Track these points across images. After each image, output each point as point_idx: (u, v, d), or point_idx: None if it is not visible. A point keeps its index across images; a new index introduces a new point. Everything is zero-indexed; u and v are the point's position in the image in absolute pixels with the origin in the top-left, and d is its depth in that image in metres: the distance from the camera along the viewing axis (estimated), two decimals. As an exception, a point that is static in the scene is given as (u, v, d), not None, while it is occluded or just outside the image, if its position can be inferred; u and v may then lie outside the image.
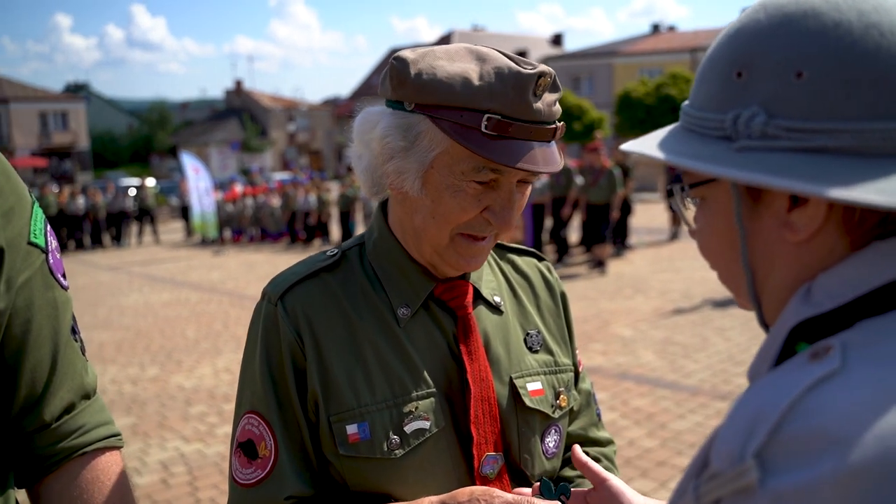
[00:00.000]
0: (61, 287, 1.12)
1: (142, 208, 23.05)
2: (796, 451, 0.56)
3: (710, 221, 0.78)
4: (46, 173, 50.60)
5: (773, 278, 0.74)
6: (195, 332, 9.38)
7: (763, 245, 0.73)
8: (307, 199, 19.48)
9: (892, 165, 0.63)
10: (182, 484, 4.84)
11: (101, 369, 7.83)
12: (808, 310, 0.68)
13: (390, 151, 1.19)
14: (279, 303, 1.24)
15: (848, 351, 0.61)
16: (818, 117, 0.65)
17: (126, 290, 13.40)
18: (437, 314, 1.28)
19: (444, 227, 1.20)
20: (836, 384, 0.58)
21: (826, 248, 0.69)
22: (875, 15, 0.65)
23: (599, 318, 8.72)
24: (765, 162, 0.66)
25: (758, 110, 0.68)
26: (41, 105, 55.21)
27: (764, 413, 0.59)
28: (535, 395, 1.31)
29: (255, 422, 1.22)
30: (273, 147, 62.96)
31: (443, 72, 1.14)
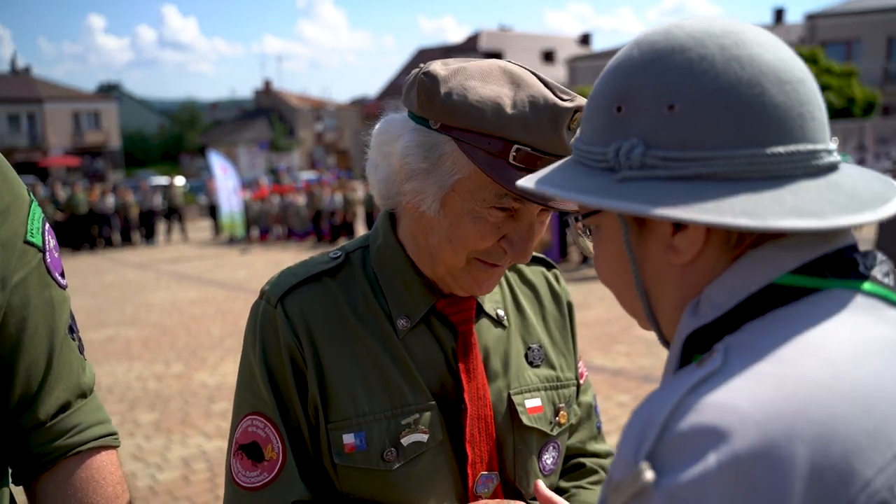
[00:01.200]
0: (59, 286, 1.12)
1: (171, 207, 23.31)
2: (683, 448, 0.59)
3: (604, 249, 0.83)
4: (79, 172, 51.44)
5: (664, 299, 0.79)
6: (220, 330, 9.46)
7: (653, 269, 0.78)
8: (333, 198, 19.57)
9: (760, 188, 0.68)
10: (202, 481, 4.87)
11: (128, 366, 7.93)
12: (696, 321, 0.73)
13: (409, 172, 1.15)
14: (279, 305, 1.21)
15: (729, 352, 0.66)
16: (691, 147, 0.69)
17: (154, 287, 13.56)
18: (438, 328, 1.25)
19: (461, 252, 1.17)
20: (715, 381, 0.62)
21: (709, 266, 0.74)
22: (735, 49, 0.70)
23: (623, 319, 8.64)
24: (643, 191, 0.70)
25: (637, 142, 0.72)
26: (74, 105, 56.17)
27: (652, 418, 0.63)
28: (534, 413, 1.29)
29: (260, 423, 1.20)
30: (301, 147, 63.36)
31: (474, 94, 1.10)
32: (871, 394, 0.61)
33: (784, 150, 0.69)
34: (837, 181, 0.71)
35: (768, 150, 0.68)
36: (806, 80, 0.72)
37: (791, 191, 0.68)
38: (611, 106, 0.75)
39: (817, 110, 0.72)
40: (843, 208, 0.68)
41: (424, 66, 1.15)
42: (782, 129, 0.69)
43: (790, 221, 0.65)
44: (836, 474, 0.57)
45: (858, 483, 0.57)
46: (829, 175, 0.71)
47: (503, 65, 1.16)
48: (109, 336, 9.47)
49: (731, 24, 0.74)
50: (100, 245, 21.80)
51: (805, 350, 0.63)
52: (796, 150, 0.69)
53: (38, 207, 1.13)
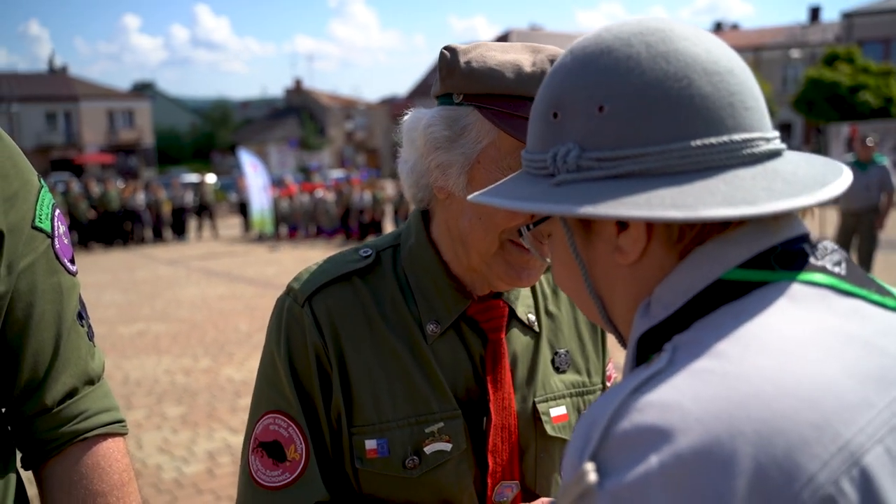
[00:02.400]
0: (68, 272, 1.12)
1: (202, 204, 23.56)
2: (626, 449, 0.59)
3: (557, 255, 0.84)
4: (113, 169, 52.27)
5: (617, 301, 0.78)
6: (248, 326, 9.53)
7: (602, 271, 0.78)
8: (362, 196, 19.64)
9: (693, 180, 0.67)
10: (227, 474, 4.91)
11: (156, 360, 8.03)
12: (647, 322, 0.72)
13: (434, 141, 1.14)
14: (306, 304, 1.19)
15: (676, 351, 0.65)
16: (624, 145, 0.70)
17: (184, 283, 13.72)
18: (468, 334, 1.22)
19: (492, 230, 1.13)
20: (658, 380, 0.62)
21: (656, 265, 0.73)
22: (662, 45, 0.71)
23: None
24: (576, 193, 0.71)
25: (572, 146, 0.72)
26: (109, 103, 57.15)
27: (597, 420, 0.62)
28: (558, 422, 1.26)
29: (283, 423, 1.18)
30: (331, 145, 63.74)
31: (493, 60, 1.10)
32: (818, 387, 0.60)
33: (715, 140, 0.68)
34: (776, 168, 0.70)
35: (698, 142, 0.68)
36: (736, 71, 0.72)
37: (725, 180, 0.68)
38: (548, 113, 0.76)
39: (750, 99, 0.72)
40: (778, 194, 0.67)
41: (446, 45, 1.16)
42: (712, 120, 0.69)
43: (721, 210, 0.65)
44: (779, 471, 0.56)
45: (802, 478, 0.56)
46: (767, 162, 0.71)
47: (525, 43, 1.16)
48: (140, 331, 9.60)
49: (660, 21, 0.74)
50: (132, 241, 22.11)
51: (750, 345, 0.62)
52: (728, 139, 0.69)
53: (48, 193, 1.13)
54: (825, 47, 37.86)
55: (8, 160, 1.06)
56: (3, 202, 1.03)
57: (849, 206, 9.17)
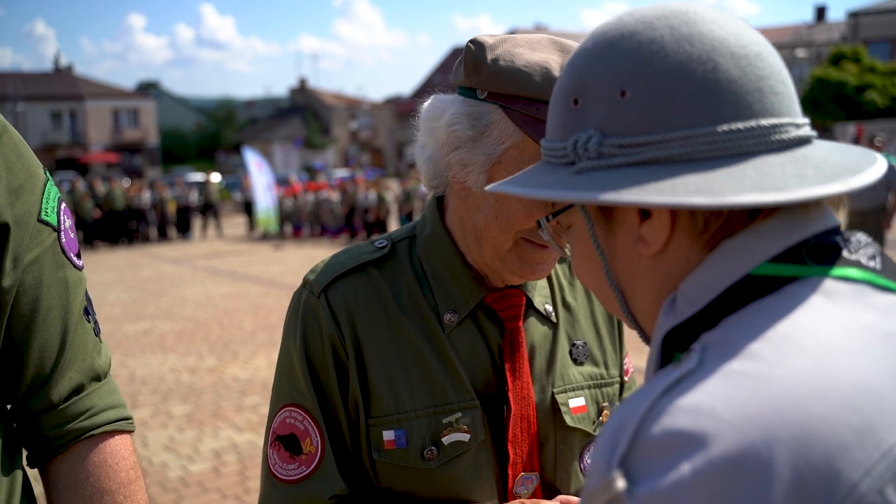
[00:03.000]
0: (74, 267, 1.10)
1: (206, 203, 23.58)
2: (656, 455, 0.56)
3: (578, 247, 0.81)
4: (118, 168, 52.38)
5: (639, 294, 0.76)
6: (252, 325, 9.53)
7: (624, 262, 0.75)
8: (367, 195, 19.64)
9: (719, 166, 0.65)
10: (233, 473, 4.90)
11: (162, 358, 8.02)
12: (673, 319, 0.69)
13: (457, 140, 1.12)
14: (322, 295, 1.18)
15: (706, 350, 0.62)
16: (647, 131, 0.67)
17: (189, 282, 13.72)
18: (485, 324, 1.21)
19: (507, 230, 1.12)
20: (689, 382, 0.59)
21: (681, 257, 0.71)
22: (685, 28, 0.68)
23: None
24: (597, 180, 0.68)
25: (593, 132, 0.70)
26: (114, 102, 57.28)
27: (625, 423, 0.59)
28: (577, 413, 1.24)
29: (298, 416, 1.17)
30: (335, 144, 63.77)
31: (521, 60, 1.08)
32: (857, 389, 0.56)
33: (743, 125, 0.66)
34: (806, 155, 0.67)
35: (724, 127, 0.66)
36: (764, 54, 0.69)
37: (753, 166, 0.65)
38: (568, 99, 0.74)
39: (780, 84, 0.69)
40: (809, 180, 0.64)
41: (473, 38, 1.14)
42: (739, 104, 0.66)
43: (749, 196, 0.62)
44: (819, 479, 0.52)
45: (844, 487, 0.52)
46: (797, 149, 0.68)
47: (551, 36, 1.14)
48: (145, 329, 9.60)
49: (683, 4, 0.72)
50: (137, 240, 22.14)
51: (784, 345, 0.59)
52: (756, 125, 0.66)
53: (55, 187, 1.11)
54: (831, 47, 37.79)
55: (13, 152, 1.04)
56: (9, 194, 1.01)
57: (855, 205, 9.13)
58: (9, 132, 1.05)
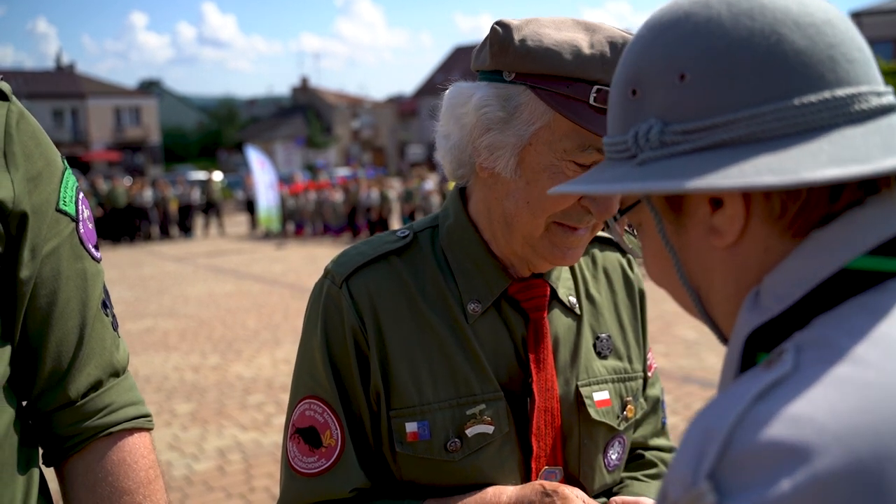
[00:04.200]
0: (92, 258, 1.07)
1: (208, 201, 23.58)
2: (750, 467, 0.51)
3: (648, 245, 0.77)
4: (120, 166, 52.38)
5: (715, 290, 0.71)
6: (256, 323, 9.51)
7: (696, 258, 0.71)
8: (369, 194, 19.63)
9: (790, 144, 0.60)
10: (238, 472, 4.87)
11: (165, 357, 8.00)
12: (759, 317, 0.64)
13: (487, 122, 1.10)
14: (344, 285, 1.16)
15: (802, 352, 0.57)
16: (710, 114, 0.63)
17: (191, 280, 13.71)
18: (509, 314, 1.19)
19: (539, 214, 1.10)
20: (786, 389, 0.53)
21: (759, 247, 0.66)
22: (745, 2, 0.65)
23: (662, 319, 8.50)
24: (662, 170, 0.65)
25: (654, 122, 0.67)
26: (116, 101, 57.29)
27: (713, 430, 0.54)
28: (602, 406, 1.22)
29: (318, 408, 1.15)
30: (337, 143, 63.76)
31: (550, 39, 1.06)
32: None
33: (815, 98, 0.61)
34: (891, 124, 0.62)
35: (796, 102, 0.61)
36: (834, 21, 0.64)
37: (829, 140, 0.60)
38: (626, 91, 0.71)
39: (854, 51, 0.64)
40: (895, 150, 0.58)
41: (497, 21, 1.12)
42: (810, 76, 0.62)
43: (828, 171, 0.57)
44: None
45: None
46: (880, 118, 0.62)
47: (575, 18, 1.12)
48: (147, 327, 9.58)
49: None
50: (139, 238, 22.13)
51: (891, 349, 0.54)
52: (830, 96, 0.61)
53: (73, 176, 1.08)
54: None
55: (31, 139, 1.01)
56: (27, 182, 0.98)
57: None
58: (26, 119, 1.02)
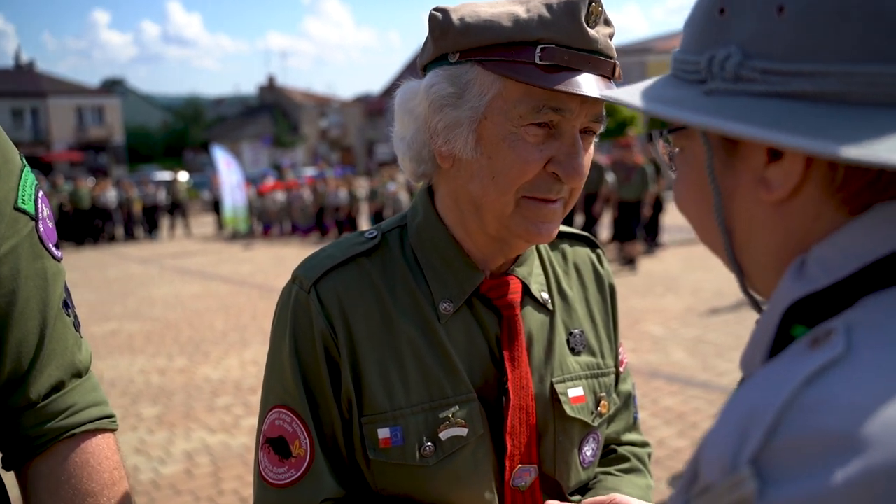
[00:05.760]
0: (53, 257, 1.05)
1: (174, 202, 23.29)
2: (798, 455, 0.47)
3: (686, 173, 0.72)
4: (83, 167, 51.48)
5: (754, 242, 0.66)
6: (223, 325, 9.41)
7: (741, 204, 0.65)
8: (337, 193, 19.53)
9: (877, 116, 0.54)
10: (206, 475, 4.82)
11: (130, 360, 7.88)
12: (803, 287, 0.59)
13: (439, 101, 1.09)
14: (312, 290, 1.14)
15: (853, 333, 0.52)
16: (799, 58, 0.57)
17: (157, 282, 13.52)
18: (481, 312, 1.17)
19: (507, 189, 1.08)
20: (840, 374, 0.50)
21: (810, 212, 0.61)
22: None
23: (630, 315, 8.58)
24: (731, 107, 0.59)
25: (734, 50, 0.61)
26: (78, 100, 56.24)
27: (758, 413, 0.50)
28: (576, 403, 1.22)
29: (287, 417, 1.13)
30: (305, 143, 63.34)
31: (487, 13, 1.07)
32: None
33: None
34: None
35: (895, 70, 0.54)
36: None
37: None
38: (713, 8, 0.64)
39: None
40: None
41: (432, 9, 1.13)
42: None
43: None
44: None
45: None
46: None
47: None
48: (112, 330, 9.42)
49: None
50: (103, 240, 21.77)
51: None
52: None
53: (31, 173, 1.05)
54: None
55: None
56: None
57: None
58: None
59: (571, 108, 1.05)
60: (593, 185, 12.66)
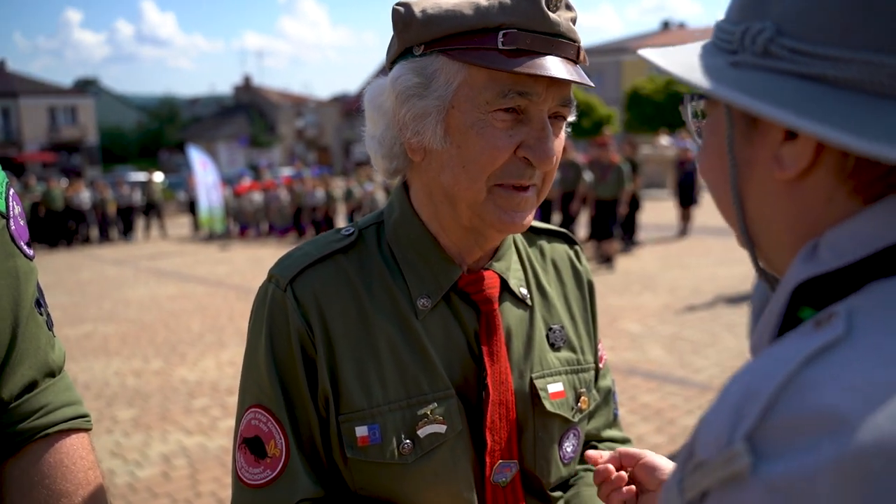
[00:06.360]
0: (25, 256, 1.03)
1: (149, 203, 23.05)
2: (793, 433, 0.49)
3: (708, 139, 0.73)
4: (56, 167, 50.79)
5: (766, 217, 0.68)
6: (200, 326, 9.33)
7: (756, 177, 0.67)
8: (314, 193, 19.44)
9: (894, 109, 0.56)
10: (183, 477, 4.78)
11: (105, 362, 7.79)
12: (812, 268, 0.61)
13: (406, 91, 1.09)
14: (288, 288, 1.13)
15: (854, 317, 0.54)
16: (827, 42, 0.59)
17: (132, 283, 13.37)
18: (459, 308, 1.17)
19: (478, 177, 1.08)
20: (838, 355, 0.51)
21: (822, 193, 0.62)
22: None
23: (607, 313, 8.63)
24: (753, 81, 0.61)
25: (769, 25, 0.62)
26: (50, 100, 55.47)
27: (756, 391, 0.52)
28: (556, 398, 1.22)
29: (262, 417, 1.12)
30: (281, 143, 63.01)
31: (448, 3, 1.07)
32: None
33: None
34: None
35: None
36: None
37: None
38: None
39: None
40: None
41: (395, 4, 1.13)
42: None
43: None
44: None
45: None
46: None
47: None
48: (86, 332, 9.31)
49: None
50: (76, 241, 21.49)
51: None
52: None
53: (2, 172, 1.04)
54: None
55: None
56: None
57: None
58: None
59: (538, 92, 1.06)
60: (570, 184, 12.73)
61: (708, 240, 14.67)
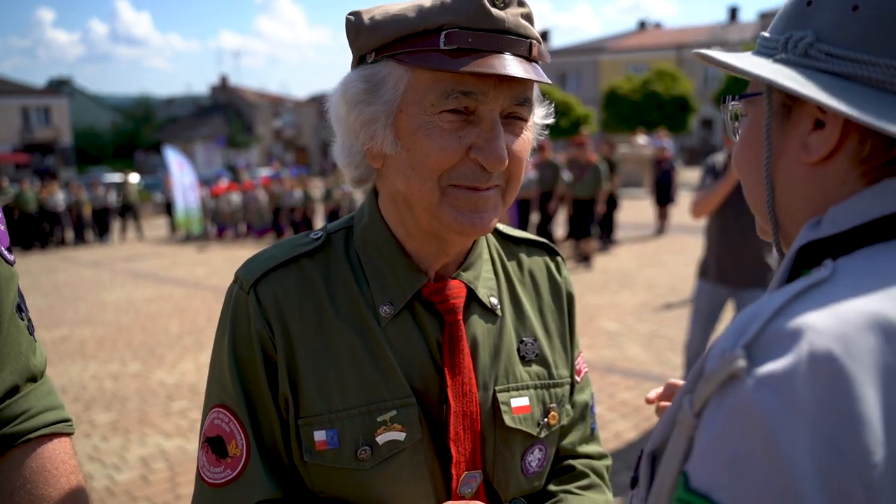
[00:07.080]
0: (5, 261, 1.04)
1: (125, 204, 22.82)
2: (780, 343, 0.62)
3: (746, 134, 0.86)
4: (29, 169, 50.11)
5: (788, 197, 0.81)
6: (178, 328, 9.27)
7: (785, 163, 0.80)
8: (292, 193, 19.36)
9: None
10: (162, 480, 4.75)
11: (82, 366, 7.72)
12: (812, 234, 0.75)
13: (354, 98, 1.10)
14: (252, 290, 1.14)
15: (839, 266, 0.69)
16: (859, 48, 0.72)
17: (108, 286, 13.24)
18: (423, 317, 1.16)
19: (428, 177, 1.07)
20: (821, 290, 0.66)
21: (838, 177, 0.76)
22: None
23: (585, 312, 8.69)
24: (794, 74, 0.74)
25: (810, 34, 0.76)
26: (23, 100, 54.64)
27: (756, 316, 0.66)
28: (519, 413, 1.20)
29: (225, 417, 1.13)
30: (259, 143, 62.60)
31: (394, 9, 1.08)
32: None
33: None
34: None
35: None
36: None
37: None
38: (803, 1, 0.79)
39: None
40: None
41: None
42: None
43: None
44: None
45: None
46: None
47: None
48: (63, 336, 9.22)
49: None
50: (51, 244, 21.23)
51: None
52: None
53: None
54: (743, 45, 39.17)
55: None
56: None
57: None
58: None
59: (484, 91, 1.04)
60: (548, 184, 12.78)
61: (685, 238, 14.80)
